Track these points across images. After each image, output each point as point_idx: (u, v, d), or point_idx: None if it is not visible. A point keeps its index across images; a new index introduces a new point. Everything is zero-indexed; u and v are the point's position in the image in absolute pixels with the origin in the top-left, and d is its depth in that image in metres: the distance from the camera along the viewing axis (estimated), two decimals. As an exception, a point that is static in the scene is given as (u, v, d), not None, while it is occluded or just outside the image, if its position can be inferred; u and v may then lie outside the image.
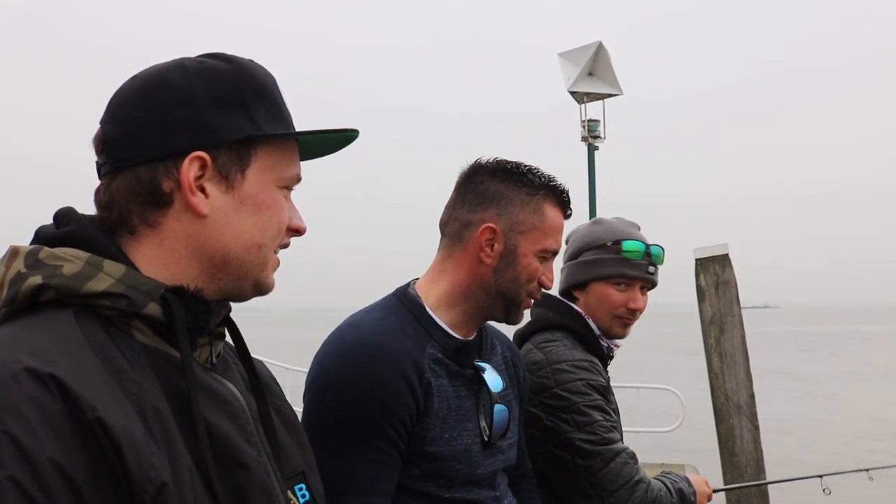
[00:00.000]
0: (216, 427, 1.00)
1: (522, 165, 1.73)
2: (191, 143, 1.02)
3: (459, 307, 1.71)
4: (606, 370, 2.30)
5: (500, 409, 1.73)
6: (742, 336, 6.53)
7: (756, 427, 6.41)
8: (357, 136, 1.14)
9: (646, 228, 2.32)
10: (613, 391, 2.30)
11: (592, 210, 9.83)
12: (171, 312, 0.99)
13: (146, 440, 0.89)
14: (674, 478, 2.13)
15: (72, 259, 0.97)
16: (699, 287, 6.65)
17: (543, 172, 1.74)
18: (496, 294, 1.71)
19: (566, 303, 2.24)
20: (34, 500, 0.80)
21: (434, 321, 1.68)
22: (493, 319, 1.79)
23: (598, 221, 2.33)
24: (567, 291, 2.27)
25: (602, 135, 10.29)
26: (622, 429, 2.29)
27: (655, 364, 27.20)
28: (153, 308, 0.98)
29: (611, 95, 10.07)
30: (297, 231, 1.13)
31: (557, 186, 1.75)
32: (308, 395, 1.61)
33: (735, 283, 6.59)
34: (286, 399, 1.26)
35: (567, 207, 1.77)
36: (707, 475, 2.37)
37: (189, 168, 1.01)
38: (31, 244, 1.01)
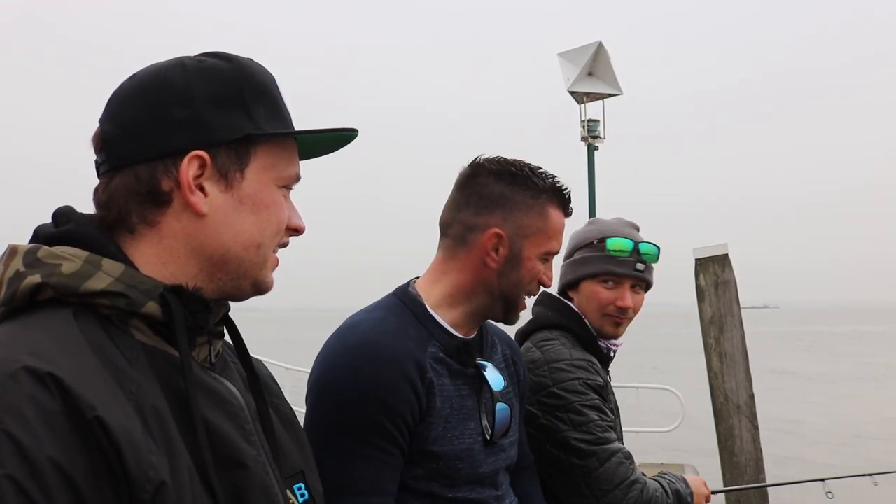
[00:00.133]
0: (215, 426, 1.00)
1: (526, 167, 1.72)
2: (190, 142, 1.02)
3: (461, 307, 1.70)
4: (607, 370, 2.30)
5: (502, 408, 1.73)
6: (742, 336, 6.53)
7: (755, 427, 6.41)
8: (356, 136, 1.14)
9: (646, 228, 2.32)
10: (614, 391, 2.30)
11: (592, 210, 9.83)
12: (170, 311, 0.99)
13: (145, 439, 0.89)
14: (671, 478, 2.12)
15: (70, 258, 0.97)
16: (699, 287, 6.66)
17: (546, 173, 1.73)
18: (498, 296, 1.71)
19: (564, 302, 2.24)
20: (33, 500, 0.80)
21: (435, 320, 1.67)
22: (492, 319, 1.79)
23: (593, 221, 2.33)
24: (563, 291, 2.28)
25: (602, 135, 10.29)
26: (622, 428, 2.29)
27: (655, 364, 27.17)
28: (152, 307, 0.98)
29: (610, 95, 10.07)
30: (297, 230, 1.13)
31: (561, 188, 1.74)
32: (310, 397, 1.60)
33: (735, 283, 6.59)
34: (285, 398, 1.25)
35: (568, 207, 1.77)
36: (706, 475, 2.37)
37: (188, 167, 1.01)
38: (30, 243, 1.01)
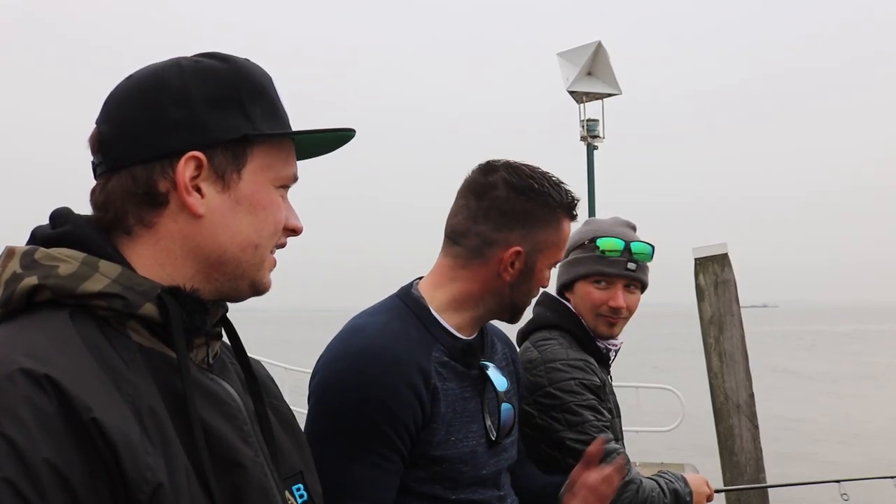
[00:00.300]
0: (213, 427, 1.00)
1: (546, 181, 1.69)
2: (186, 143, 1.01)
3: (467, 312, 1.70)
4: (608, 370, 2.30)
5: (507, 408, 1.73)
6: (741, 335, 6.53)
7: (755, 426, 6.41)
8: (354, 136, 1.13)
9: (645, 228, 2.31)
10: (614, 391, 2.29)
11: (591, 210, 9.84)
12: (168, 313, 0.99)
13: (142, 441, 0.89)
14: (669, 477, 2.10)
15: (67, 259, 0.97)
16: (698, 287, 6.66)
17: (565, 187, 1.72)
18: (508, 304, 1.72)
19: (563, 303, 2.24)
20: (29, 502, 0.79)
21: (439, 323, 1.66)
22: (497, 320, 1.79)
23: (588, 222, 2.32)
24: (560, 292, 2.28)
25: (601, 134, 10.30)
26: (622, 428, 2.28)
27: (655, 363, 27.18)
28: (149, 308, 0.98)
29: (610, 95, 10.08)
30: (294, 231, 1.13)
31: (574, 202, 1.73)
32: (312, 400, 1.60)
33: (734, 283, 6.59)
34: (284, 399, 1.25)
35: (576, 216, 1.77)
36: (706, 475, 2.35)
37: (185, 168, 1.01)
38: (28, 244, 1.01)
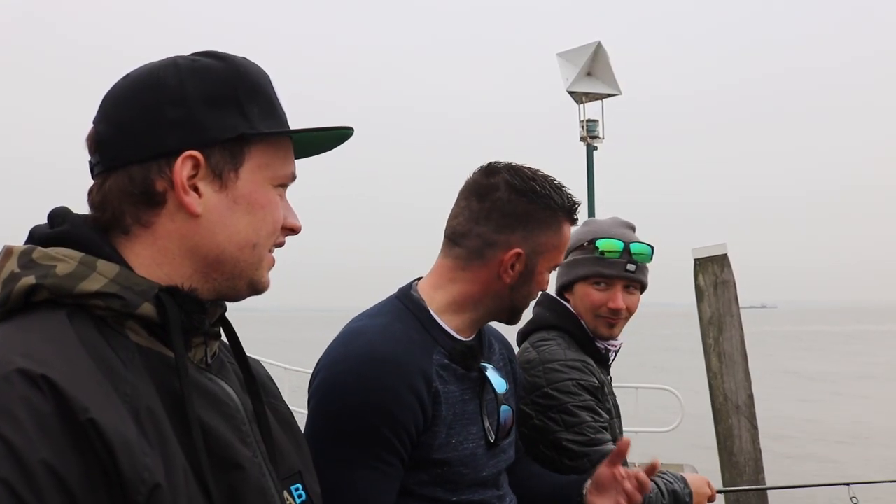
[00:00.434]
0: (211, 428, 1.00)
1: (547, 184, 1.69)
2: (183, 142, 1.01)
3: (467, 314, 1.70)
4: (607, 371, 2.29)
5: (506, 410, 1.73)
6: (741, 336, 6.52)
7: (755, 427, 6.40)
8: (352, 134, 1.13)
9: (645, 228, 2.31)
10: (614, 391, 2.29)
11: (591, 210, 9.84)
12: (166, 313, 0.99)
13: (139, 441, 0.88)
14: (668, 478, 2.08)
15: (65, 259, 0.97)
16: (698, 287, 6.65)
17: (566, 191, 1.72)
18: (508, 306, 1.72)
19: (562, 303, 2.24)
20: (25, 503, 0.79)
21: (439, 325, 1.66)
22: (496, 321, 1.79)
23: (587, 223, 2.32)
24: (559, 293, 2.28)
25: (601, 135, 10.30)
26: (622, 429, 2.28)
27: (655, 364, 27.18)
28: (147, 308, 0.98)
29: (609, 95, 10.08)
30: (293, 230, 1.13)
31: (575, 205, 1.73)
32: (312, 402, 1.59)
33: (734, 284, 6.58)
34: (283, 399, 1.25)
35: (576, 219, 1.77)
36: (705, 475, 2.34)
37: (182, 167, 1.01)
38: (26, 244, 1.01)
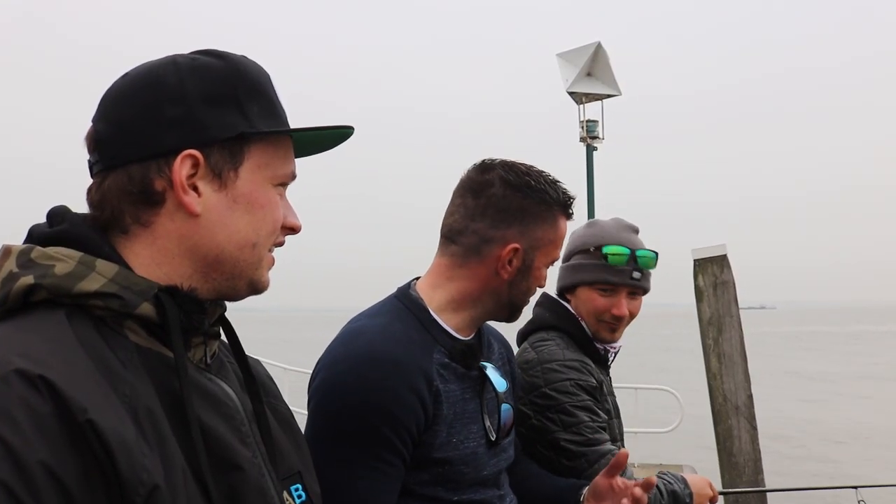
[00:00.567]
0: (210, 428, 0.99)
1: (542, 178, 1.70)
2: (183, 141, 1.00)
3: (466, 312, 1.69)
4: (607, 371, 2.29)
5: (506, 408, 1.73)
6: (740, 337, 6.51)
7: (754, 428, 6.40)
8: (352, 133, 1.13)
9: (645, 229, 2.30)
10: (614, 392, 2.29)
11: (591, 210, 9.84)
12: (165, 312, 0.98)
13: (138, 442, 0.88)
14: (668, 478, 2.08)
15: (64, 258, 0.96)
16: (697, 288, 6.65)
17: (559, 184, 1.73)
18: (507, 302, 1.72)
19: (562, 304, 2.24)
20: (23, 504, 0.79)
21: (439, 324, 1.66)
22: (496, 320, 1.79)
23: (592, 224, 2.31)
24: (560, 293, 2.27)
25: (601, 135, 10.30)
26: (622, 429, 2.27)
27: (654, 364, 27.20)
28: (146, 308, 0.97)
29: (609, 96, 10.08)
30: (293, 229, 1.12)
31: (570, 200, 1.74)
32: (312, 403, 1.59)
33: (733, 284, 6.57)
34: (283, 398, 1.24)
35: (572, 214, 1.77)
36: (705, 475, 2.33)
37: (181, 166, 1.00)
38: (25, 243, 1.00)
